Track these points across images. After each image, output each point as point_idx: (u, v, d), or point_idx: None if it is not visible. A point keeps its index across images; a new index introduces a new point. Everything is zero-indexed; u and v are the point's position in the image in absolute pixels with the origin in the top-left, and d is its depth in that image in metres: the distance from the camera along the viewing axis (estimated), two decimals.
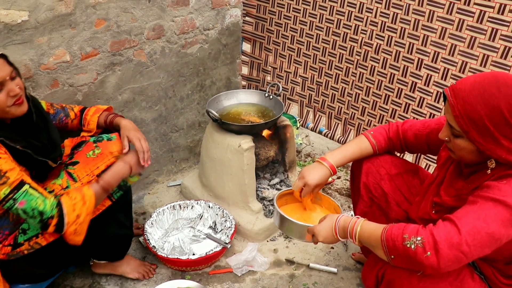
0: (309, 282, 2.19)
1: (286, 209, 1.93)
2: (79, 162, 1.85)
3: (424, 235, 1.27)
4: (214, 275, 2.22)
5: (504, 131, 1.29)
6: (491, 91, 1.29)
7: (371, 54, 2.55)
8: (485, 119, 1.29)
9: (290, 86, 3.06)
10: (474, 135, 1.32)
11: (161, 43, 2.48)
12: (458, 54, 2.20)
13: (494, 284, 1.50)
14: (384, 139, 1.87)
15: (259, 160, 2.47)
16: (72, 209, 1.66)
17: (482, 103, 1.29)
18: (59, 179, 1.81)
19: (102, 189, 1.78)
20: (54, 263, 1.89)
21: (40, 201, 1.62)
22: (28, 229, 1.77)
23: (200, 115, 2.90)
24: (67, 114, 2.02)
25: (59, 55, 2.10)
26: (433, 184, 1.63)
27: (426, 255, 1.25)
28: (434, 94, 2.36)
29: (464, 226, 1.25)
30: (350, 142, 1.90)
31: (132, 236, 2.14)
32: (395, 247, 1.32)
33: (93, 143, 1.89)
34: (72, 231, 1.68)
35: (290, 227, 1.81)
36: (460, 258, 1.25)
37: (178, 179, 2.92)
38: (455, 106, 1.33)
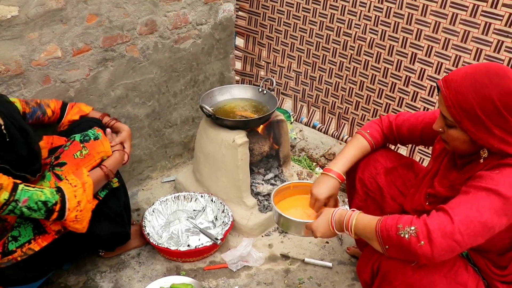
0: (304, 277, 2.19)
1: (284, 204, 1.94)
2: (66, 163, 1.82)
3: (418, 225, 1.28)
4: (209, 271, 2.22)
5: (496, 120, 1.30)
6: (483, 81, 1.30)
7: (364, 49, 2.54)
8: (477, 108, 1.30)
9: (283, 80, 3.05)
10: (466, 124, 1.33)
11: (154, 38, 2.47)
12: (452, 48, 2.20)
13: (487, 275, 1.51)
14: (380, 135, 1.88)
15: (253, 155, 2.47)
16: (73, 195, 1.67)
17: (474, 93, 1.30)
18: (46, 181, 1.78)
19: (105, 176, 1.86)
20: (48, 265, 1.88)
21: (39, 192, 1.61)
22: (19, 236, 1.76)
23: (193, 111, 2.89)
24: (44, 112, 1.99)
25: (50, 51, 2.08)
26: (427, 176, 1.64)
27: (420, 245, 1.26)
28: (428, 88, 2.36)
29: (457, 215, 1.26)
30: (349, 145, 1.89)
31: (128, 234, 2.13)
32: (390, 237, 1.33)
33: (80, 143, 1.86)
34: (73, 218, 1.68)
35: (288, 224, 1.84)
36: (453, 247, 1.26)
37: (172, 175, 2.91)
38: (448, 97, 1.34)
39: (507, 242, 1.45)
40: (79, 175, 1.75)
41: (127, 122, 2.52)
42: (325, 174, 1.83)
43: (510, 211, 1.29)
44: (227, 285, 2.14)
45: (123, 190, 2.09)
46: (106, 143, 1.93)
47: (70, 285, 2.13)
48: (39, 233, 1.78)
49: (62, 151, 1.86)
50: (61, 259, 1.91)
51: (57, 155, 1.85)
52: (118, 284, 2.14)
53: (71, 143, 1.87)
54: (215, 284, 2.15)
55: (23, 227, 1.78)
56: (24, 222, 1.78)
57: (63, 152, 1.85)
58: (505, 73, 1.31)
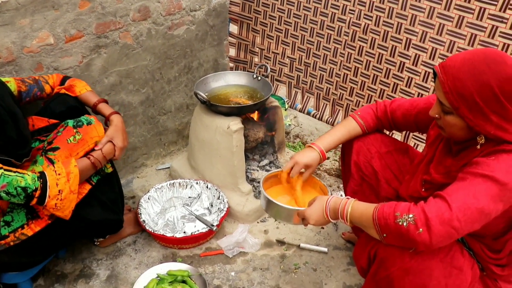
0: (300, 262, 2.21)
1: (272, 191, 1.93)
2: (59, 148, 1.81)
3: (416, 212, 1.28)
4: (205, 257, 2.23)
5: (494, 106, 1.30)
6: (481, 67, 1.30)
7: (359, 34, 2.54)
8: (475, 95, 1.30)
9: (278, 67, 3.04)
10: (464, 111, 1.33)
11: (147, 24, 2.44)
12: (446, 34, 2.20)
13: (482, 259, 1.53)
14: (372, 119, 1.88)
15: (248, 142, 2.47)
16: (55, 183, 1.66)
17: (472, 80, 1.30)
18: (38, 165, 1.77)
19: (92, 165, 1.85)
20: (42, 251, 1.88)
21: (19, 178, 1.60)
22: (12, 221, 1.76)
23: (188, 98, 2.88)
24: (41, 88, 1.96)
25: (42, 37, 2.05)
26: (423, 163, 1.65)
27: (418, 232, 1.26)
28: (422, 74, 2.37)
29: (454, 202, 1.27)
30: (338, 125, 1.91)
31: (121, 221, 2.13)
32: (387, 226, 1.33)
33: (73, 128, 1.85)
34: (52, 205, 1.67)
35: (277, 211, 1.81)
36: (452, 233, 1.27)
37: (167, 162, 2.91)
38: (445, 83, 1.34)
39: (502, 226, 1.46)
40: (66, 164, 1.73)
41: (121, 110, 2.51)
42: (310, 147, 1.87)
43: (506, 197, 1.30)
44: (223, 271, 2.16)
45: (116, 177, 2.09)
46: (100, 128, 1.92)
47: (66, 273, 2.13)
48: (32, 218, 1.77)
49: (55, 136, 1.84)
50: (54, 245, 1.91)
51: (50, 141, 1.83)
52: (115, 272, 2.15)
53: (64, 128, 1.85)
54: (212, 270, 2.16)
55: (16, 212, 1.77)
56: (17, 207, 1.77)
57: (56, 137, 1.83)
58: (502, 59, 1.31)
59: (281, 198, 1.91)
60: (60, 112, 1.97)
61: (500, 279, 1.55)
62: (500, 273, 1.52)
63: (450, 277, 1.42)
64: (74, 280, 2.10)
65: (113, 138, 1.96)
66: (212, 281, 2.11)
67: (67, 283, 2.09)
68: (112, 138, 1.95)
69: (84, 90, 2.03)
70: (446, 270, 1.42)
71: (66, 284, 2.08)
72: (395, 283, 1.45)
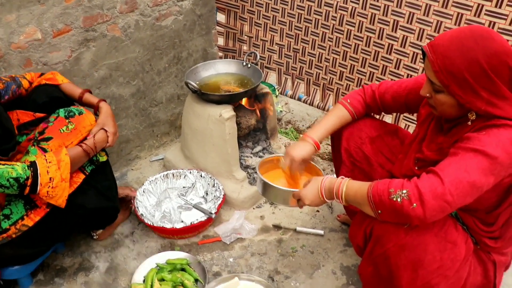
0: (297, 245, 2.24)
1: (268, 176, 1.95)
2: (52, 138, 1.81)
3: (409, 187, 1.31)
4: (203, 245, 2.25)
5: (483, 82, 1.32)
6: (469, 44, 1.32)
7: (346, 18, 2.55)
8: (464, 72, 1.32)
9: (267, 54, 3.05)
10: (454, 88, 1.35)
11: (134, 16, 2.43)
12: (433, 14, 2.22)
13: (476, 232, 1.56)
14: (361, 105, 1.89)
15: (241, 129, 2.48)
16: (46, 171, 1.67)
17: (461, 57, 1.32)
18: (31, 155, 1.77)
19: (85, 152, 1.84)
20: (44, 241, 1.89)
21: (10, 169, 1.61)
22: (11, 213, 1.76)
23: (178, 88, 2.88)
24: (19, 84, 1.93)
25: (29, 33, 2.04)
26: (415, 142, 1.67)
27: (412, 207, 1.29)
28: (410, 55, 2.39)
29: (447, 176, 1.29)
30: (329, 114, 1.92)
31: (117, 208, 2.14)
32: (382, 202, 1.36)
33: (65, 119, 1.86)
34: (44, 193, 1.68)
35: (274, 194, 1.83)
36: (444, 207, 1.30)
37: (160, 153, 2.92)
38: (435, 62, 1.36)
39: (494, 200, 1.49)
40: (57, 152, 1.74)
41: (112, 103, 2.51)
42: (302, 139, 1.88)
43: (497, 170, 1.32)
44: (221, 258, 2.18)
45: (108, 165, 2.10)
46: (91, 117, 1.94)
47: (66, 267, 2.15)
48: (30, 208, 1.78)
49: (46, 126, 1.83)
50: (55, 234, 1.92)
51: (41, 130, 1.83)
52: (114, 263, 2.16)
53: (55, 119, 1.85)
54: (210, 257, 2.19)
55: (14, 204, 1.77)
56: (14, 199, 1.78)
57: (48, 127, 1.83)
58: (489, 34, 1.33)
59: (278, 182, 1.94)
60: (43, 103, 1.94)
61: (493, 252, 1.58)
62: (493, 245, 1.56)
63: (445, 251, 1.46)
64: (73, 274, 2.11)
65: (104, 125, 1.96)
66: (211, 268, 2.13)
67: (67, 276, 2.10)
68: (104, 125, 1.96)
69: (65, 80, 2.03)
70: (440, 244, 1.45)
71: (66, 278, 2.10)
72: (392, 259, 1.48)
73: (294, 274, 2.09)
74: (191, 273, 2.04)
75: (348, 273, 2.09)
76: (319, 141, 1.86)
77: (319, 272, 2.10)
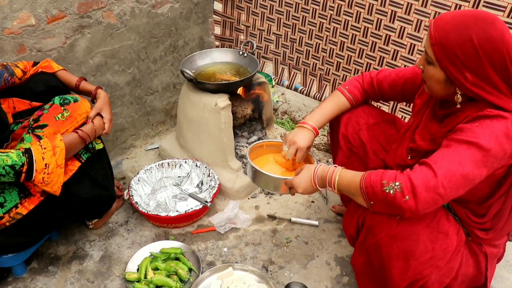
0: (291, 236, 2.24)
1: (259, 161, 1.95)
2: (48, 125, 1.81)
3: (402, 180, 1.31)
4: (197, 234, 2.25)
5: (473, 63, 1.31)
6: (469, 23, 1.31)
7: (344, 8, 2.53)
8: (456, 48, 1.31)
9: (264, 44, 3.03)
10: (446, 63, 1.34)
11: (130, 3, 2.41)
12: (431, 5, 2.20)
13: (467, 224, 1.57)
14: (359, 92, 1.89)
15: (236, 119, 2.47)
16: (41, 157, 1.67)
17: (456, 32, 1.31)
18: (26, 142, 1.75)
19: (80, 138, 1.85)
20: (38, 230, 1.89)
21: (5, 157, 1.60)
22: (4, 201, 1.76)
23: (174, 77, 2.86)
24: (12, 73, 1.92)
25: (23, 18, 2.02)
26: (409, 131, 1.67)
27: (405, 199, 1.29)
28: (408, 46, 2.37)
29: (439, 169, 1.29)
30: (327, 101, 1.92)
31: (113, 197, 2.14)
32: (375, 193, 1.36)
33: (60, 106, 1.85)
34: (40, 180, 1.68)
35: (265, 181, 1.82)
36: (437, 200, 1.30)
37: (155, 142, 2.91)
38: (433, 34, 1.35)
39: (486, 192, 1.50)
40: (52, 139, 1.73)
41: (107, 90, 2.49)
42: (302, 126, 1.86)
43: (489, 162, 1.32)
44: (216, 247, 2.18)
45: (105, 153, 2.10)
46: (86, 104, 1.93)
47: (60, 255, 2.14)
48: (25, 196, 1.77)
49: (40, 113, 1.83)
50: (49, 223, 1.92)
51: (36, 118, 1.82)
52: (108, 252, 2.16)
53: (50, 106, 1.84)
54: (204, 247, 2.19)
55: (8, 192, 1.76)
56: (8, 187, 1.77)
57: (43, 115, 1.82)
58: (492, 20, 1.32)
59: (268, 167, 1.93)
60: (40, 92, 1.95)
61: (485, 243, 1.59)
62: (484, 237, 1.56)
63: (437, 241, 1.46)
64: (68, 262, 2.11)
65: (102, 110, 1.98)
66: (205, 257, 2.13)
67: (61, 265, 2.10)
68: (101, 110, 1.98)
69: (60, 67, 2.03)
70: (432, 235, 1.46)
71: (60, 266, 2.09)
72: (383, 249, 1.48)
73: (288, 265, 2.10)
74: (185, 262, 2.04)
75: (342, 264, 2.10)
76: (318, 128, 1.86)
77: (313, 262, 2.11)
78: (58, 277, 2.04)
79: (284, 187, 1.73)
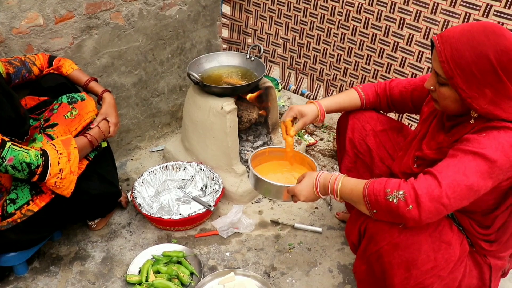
0: (294, 242, 2.23)
1: (261, 169, 1.94)
2: (58, 124, 1.87)
3: (406, 189, 1.29)
4: (200, 238, 2.24)
5: (490, 79, 1.29)
6: (480, 38, 1.29)
7: (352, 14, 2.52)
8: (472, 65, 1.29)
9: (271, 48, 3.02)
10: (458, 81, 1.32)
11: (138, 5, 2.41)
12: (440, 13, 2.18)
13: (472, 234, 1.55)
14: (372, 93, 1.89)
15: (242, 123, 2.46)
16: (57, 162, 1.70)
17: (470, 50, 1.29)
18: (37, 142, 1.81)
19: (90, 143, 1.89)
20: (47, 227, 1.91)
21: (25, 153, 1.63)
22: (17, 198, 1.79)
23: (181, 79, 2.86)
24: (29, 70, 1.97)
25: (31, 18, 2.02)
26: (416, 139, 1.65)
27: (408, 209, 1.28)
28: (416, 54, 2.36)
29: (444, 179, 1.28)
30: (340, 93, 1.94)
31: (119, 193, 2.17)
32: (378, 202, 1.34)
33: (69, 104, 1.91)
34: (52, 183, 1.71)
35: (267, 188, 1.80)
36: (441, 210, 1.28)
37: (160, 144, 2.90)
38: (442, 52, 1.33)
39: (492, 203, 1.48)
40: (67, 145, 1.76)
41: (113, 91, 2.49)
42: (310, 102, 1.89)
43: (495, 174, 1.30)
44: (218, 252, 2.17)
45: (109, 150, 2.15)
46: (92, 103, 1.99)
47: (61, 256, 2.14)
48: (36, 194, 1.80)
49: (50, 114, 1.89)
50: (59, 220, 1.94)
51: (46, 118, 1.88)
52: (110, 253, 2.16)
53: (59, 105, 1.90)
54: (206, 251, 2.18)
55: (20, 189, 1.80)
56: (21, 184, 1.81)
57: (52, 115, 1.88)
58: (501, 32, 1.30)
59: (271, 175, 1.92)
60: (48, 87, 2.00)
61: (489, 255, 1.57)
62: (488, 248, 1.54)
63: (439, 251, 1.44)
64: (69, 262, 2.11)
65: (107, 115, 2.02)
66: (207, 261, 2.12)
67: (62, 265, 2.10)
68: (107, 115, 2.02)
69: (70, 70, 2.06)
70: (434, 244, 1.44)
71: (62, 266, 2.09)
72: (385, 258, 1.46)
73: (290, 271, 2.08)
74: (187, 266, 2.03)
75: (345, 272, 2.08)
76: (325, 110, 1.87)
77: (316, 269, 2.09)
78: (59, 278, 2.04)
79: (286, 195, 1.71)
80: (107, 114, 2.02)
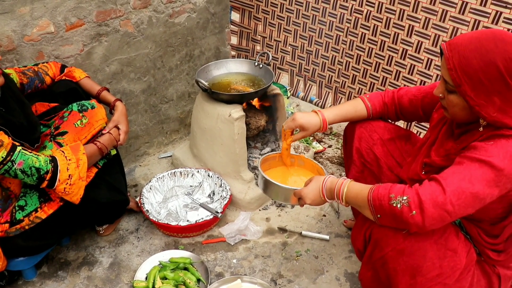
0: (301, 250, 2.22)
1: (270, 173, 1.95)
2: (68, 132, 1.89)
3: (410, 194, 1.29)
4: (207, 245, 2.24)
5: (498, 86, 1.28)
6: (489, 46, 1.27)
7: (361, 21, 2.52)
8: (480, 73, 1.28)
9: (280, 55, 3.03)
10: (466, 89, 1.31)
11: (148, 12, 2.43)
12: (449, 20, 2.18)
13: (479, 243, 1.53)
14: (379, 103, 1.87)
15: (250, 130, 2.46)
16: (65, 168, 1.71)
17: (479, 57, 1.28)
18: (48, 149, 1.83)
19: (99, 150, 1.91)
20: (55, 233, 1.92)
21: (35, 158, 1.65)
22: (25, 205, 1.80)
23: (189, 86, 2.87)
24: (42, 81, 2.01)
25: (43, 26, 2.05)
26: (425, 146, 1.64)
27: (412, 214, 1.27)
28: (424, 61, 2.35)
29: (449, 186, 1.27)
30: (346, 102, 1.92)
31: (127, 201, 2.17)
32: (382, 207, 1.34)
33: (79, 113, 1.93)
34: (61, 189, 1.72)
35: (276, 191, 1.82)
36: (444, 217, 1.27)
37: (169, 150, 2.92)
38: (450, 59, 1.32)
39: (500, 212, 1.46)
40: (75, 151, 1.77)
41: (123, 98, 2.51)
42: (313, 111, 1.88)
43: (502, 182, 1.29)
44: (225, 258, 2.17)
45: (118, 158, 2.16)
46: (102, 111, 2.01)
47: (70, 261, 2.15)
48: (44, 201, 1.82)
49: (60, 122, 1.91)
50: (66, 227, 1.95)
51: (56, 126, 1.91)
52: (117, 259, 2.16)
53: (70, 113, 1.92)
54: (213, 257, 2.17)
55: (29, 196, 1.82)
56: (30, 191, 1.83)
57: (62, 123, 1.91)
58: (510, 39, 1.28)
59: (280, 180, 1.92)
60: (59, 93, 2.03)
61: (498, 265, 1.55)
62: (496, 258, 1.52)
63: (445, 258, 1.43)
64: (77, 268, 2.12)
65: (119, 122, 2.05)
66: (214, 268, 2.12)
67: (70, 270, 2.11)
68: (118, 123, 2.05)
69: (82, 75, 2.09)
70: (440, 251, 1.42)
71: (70, 271, 2.10)
72: (390, 264, 1.46)
73: (297, 279, 2.07)
74: (194, 272, 2.02)
75: (352, 280, 2.06)
76: (328, 121, 1.85)
77: (323, 277, 2.08)
78: (67, 282, 2.05)
79: (294, 198, 1.72)
80: (118, 122, 2.05)
